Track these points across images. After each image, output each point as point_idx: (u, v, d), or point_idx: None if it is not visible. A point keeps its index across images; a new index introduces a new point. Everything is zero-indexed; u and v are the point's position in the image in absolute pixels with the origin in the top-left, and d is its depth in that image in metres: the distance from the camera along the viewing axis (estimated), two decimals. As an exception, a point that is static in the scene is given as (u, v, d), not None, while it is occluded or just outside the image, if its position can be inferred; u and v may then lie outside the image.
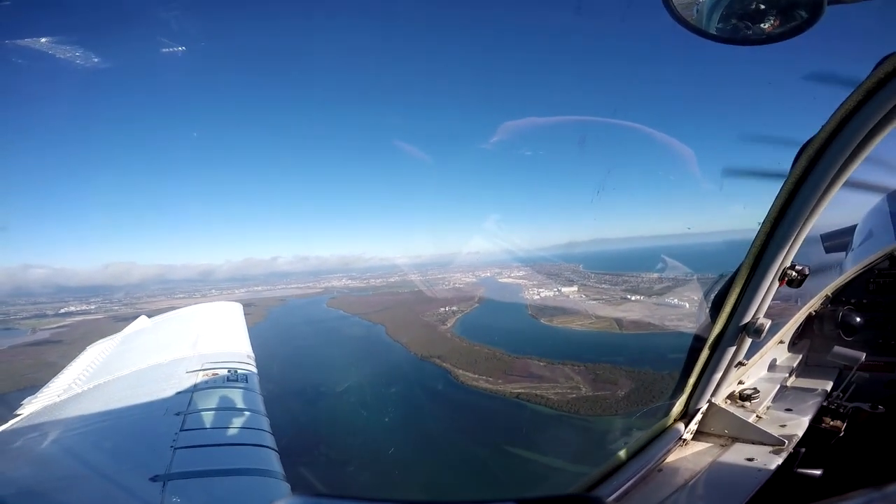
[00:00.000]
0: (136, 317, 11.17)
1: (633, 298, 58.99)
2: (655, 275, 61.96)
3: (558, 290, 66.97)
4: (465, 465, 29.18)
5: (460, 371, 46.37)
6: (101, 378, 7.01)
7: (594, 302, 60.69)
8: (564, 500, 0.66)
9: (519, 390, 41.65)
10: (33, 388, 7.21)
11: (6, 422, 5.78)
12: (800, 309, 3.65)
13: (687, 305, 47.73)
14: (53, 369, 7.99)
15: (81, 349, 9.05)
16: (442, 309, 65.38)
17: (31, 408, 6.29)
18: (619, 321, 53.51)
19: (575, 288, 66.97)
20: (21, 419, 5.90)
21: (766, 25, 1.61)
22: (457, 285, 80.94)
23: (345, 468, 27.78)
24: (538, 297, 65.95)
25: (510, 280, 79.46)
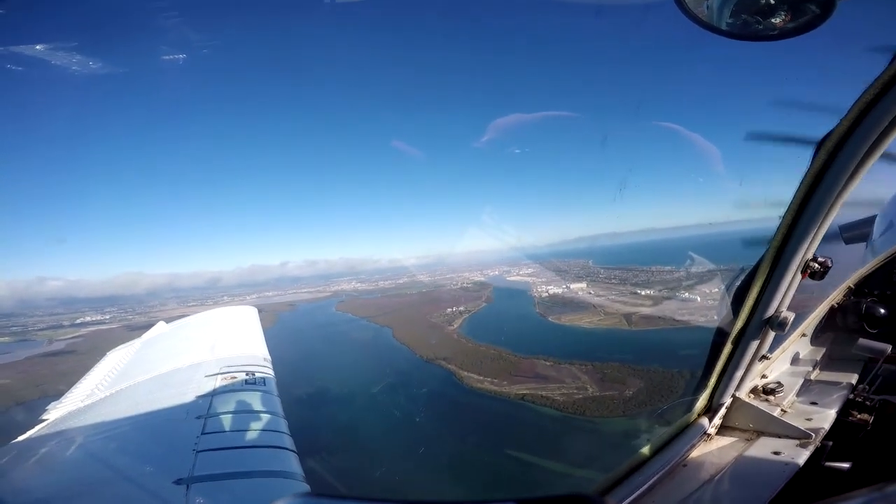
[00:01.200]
0: (149, 325, 11.33)
1: (643, 293, 58.55)
2: (667, 268, 61.54)
3: (567, 287, 66.51)
4: (465, 470, 29.00)
5: (465, 373, 46.17)
6: (123, 383, 7.12)
7: (603, 298, 60.27)
8: (565, 499, 0.67)
9: (524, 392, 41.33)
10: (49, 398, 7.33)
11: (31, 428, 5.90)
12: (821, 301, 3.60)
13: (698, 299, 47.30)
14: (68, 378, 8.11)
15: (95, 359, 9.17)
16: (449, 309, 65.30)
17: (55, 413, 6.40)
18: (628, 317, 53.09)
19: (584, 284, 66.50)
20: (46, 424, 6.02)
21: (777, 21, 1.61)
22: (465, 284, 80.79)
23: (347, 471, 27.80)
24: (546, 294, 65.57)
25: (519, 277, 79.09)
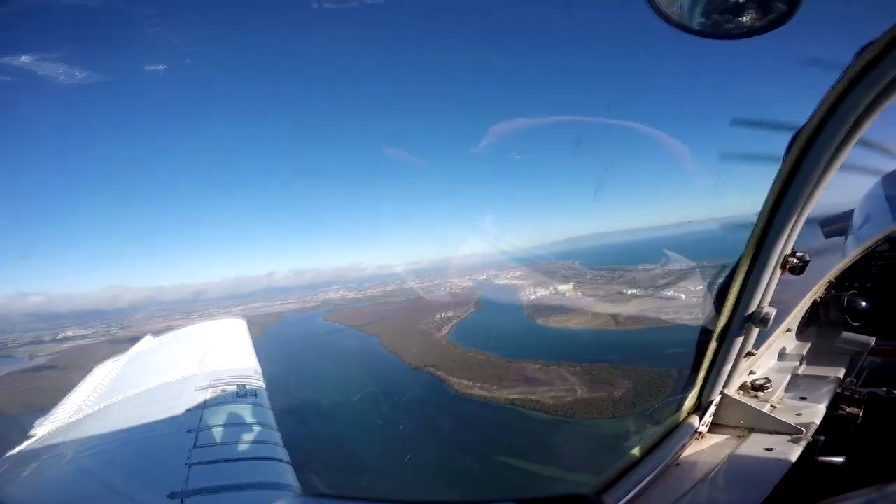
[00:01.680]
0: (133, 339, 11.21)
1: (629, 293, 58.86)
2: (652, 266, 62.02)
3: (554, 289, 66.37)
4: (456, 478, 28.53)
5: (455, 379, 45.51)
6: (111, 398, 7.04)
7: (590, 299, 60.44)
8: (565, 500, 0.69)
9: (514, 396, 40.90)
10: (33, 414, 7.21)
11: (18, 444, 5.80)
12: (804, 296, 3.62)
13: (683, 297, 47.71)
14: (51, 394, 7.97)
15: (79, 374, 9.05)
16: (438, 315, 64.63)
17: (43, 429, 6.31)
18: (615, 317, 53.02)
19: (571, 285, 66.50)
20: (35, 440, 5.94)
21: (746, 19, 1.65)
22: (453, 290, 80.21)
23: (337, 482, 27.41)
24: (534, 296, 65.42)
25: (507, 281, 78.74)
